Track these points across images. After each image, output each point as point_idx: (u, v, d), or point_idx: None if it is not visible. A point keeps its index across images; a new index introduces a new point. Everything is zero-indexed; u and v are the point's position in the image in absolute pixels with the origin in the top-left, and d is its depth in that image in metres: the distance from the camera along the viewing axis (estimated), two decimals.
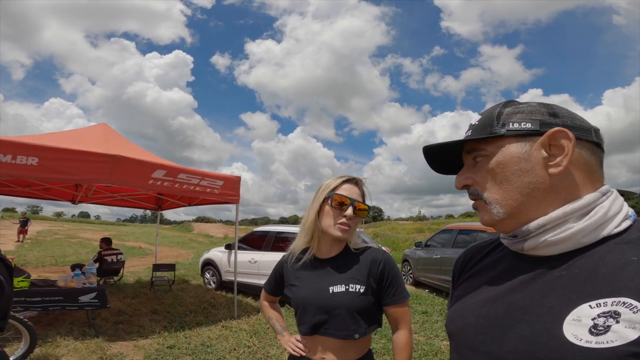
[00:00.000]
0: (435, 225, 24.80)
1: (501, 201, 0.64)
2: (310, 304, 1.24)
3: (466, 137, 0.66)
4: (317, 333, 1.23)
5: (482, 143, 0.65)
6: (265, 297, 1.52)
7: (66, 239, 19.53)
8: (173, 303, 5.93)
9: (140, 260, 12.44)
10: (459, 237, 7.04)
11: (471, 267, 0.76)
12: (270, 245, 6.58)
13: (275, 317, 1.48)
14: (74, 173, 3.87)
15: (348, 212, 1.22)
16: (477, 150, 0.66)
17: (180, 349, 3.93)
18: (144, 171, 4.36)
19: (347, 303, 1.20)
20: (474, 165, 0.68)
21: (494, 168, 0.64)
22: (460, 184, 0.69)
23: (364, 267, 1.25)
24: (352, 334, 1.19)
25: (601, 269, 0.53)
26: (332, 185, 1.26)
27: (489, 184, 0.65)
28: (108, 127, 5.71)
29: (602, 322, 0.48)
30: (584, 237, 0.57)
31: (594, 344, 0.48)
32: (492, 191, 0.64)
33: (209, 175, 5.04)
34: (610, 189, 0.61)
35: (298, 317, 1.30)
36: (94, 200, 7.36)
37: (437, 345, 4.15)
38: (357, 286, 1.21)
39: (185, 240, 23.78)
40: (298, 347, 1.28)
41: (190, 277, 8.98)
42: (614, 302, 0.49)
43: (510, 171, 0.63)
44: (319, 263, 1.30)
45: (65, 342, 3.83)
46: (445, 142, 0.69)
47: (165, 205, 7.97)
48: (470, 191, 0.68)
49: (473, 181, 0.67)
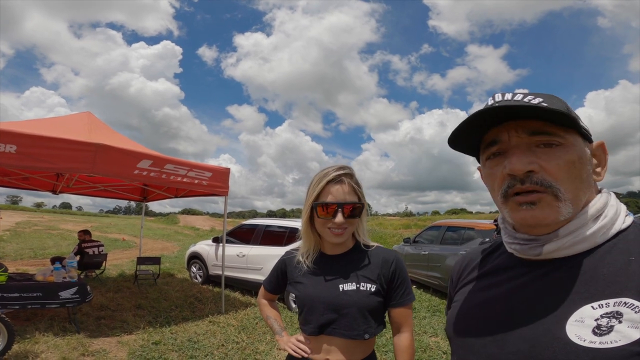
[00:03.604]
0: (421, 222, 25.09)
1: (574, 200, 0.57)
2: (318, 303, 1.18)
3: (557, 109, 0.55)
4: (324, 333, 1.17)
5: (559, 129, 0.58)
6: (264, 295, 1.45)
7: (46, 230, 18.94)
8: (158, 298, 5.79)
9: (124, 253, 12.18)
10: (446, 234, 7.08)
11: (470, 272, 0.75)
12: (259, 238, 6.47)
13: (274, 317, 1.41)
14: (54, 162, 3.71)
15: (337, 219, 1.13)
16: (550, 135, 0.58)
17: (166, 345, 3.83)
18: (129, 161, 4.21)
19: (358, 302, 1.14)
20: (534, 150, 0.58)
21: (575, 161, 0.58)
22: (524, 167, 0.57)
23: (375, 267, 1.20)
24: (362, 334, 1.15)
25: (601, 269, 0.54)
26: (316, 192, 1.15)
27: (565, 177, 0.57)
28: (92, 116, 5.52)
29: (605, 323, 0.49)
30: (601, 236, 0.57)
31: (598, 344, 0.47)
32: (568, 186, 0.57)
33: (197, 167, 4.92)
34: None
35: (304, 316, 1.22)
36: (75, 190, 7.15)
37: (426, 341, 4.15)
38: (368, 285, 1.17)
39: (171, 233, 23.37)
40: (300, 348, 1.21)
41: (176, 270, 8.81)
42: (615, 302, 0.49)
43: (586, 171, 0.59)
44: (327, 260, 1.24)
45: (45, 338, 3.69)
46: (530, 104, 0.56)
47: (151, 196, 7.79)
48: (533, 180, 0.57)
49: (540, 168, 0.57)
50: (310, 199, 1.17)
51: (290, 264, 1.30)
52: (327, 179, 1.15)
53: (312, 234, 1.22)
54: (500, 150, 0.61)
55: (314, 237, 1.23)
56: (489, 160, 0.64)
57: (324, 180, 1.15)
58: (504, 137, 0.60)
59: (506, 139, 0.60)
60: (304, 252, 1.25)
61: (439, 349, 3.95)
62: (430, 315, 5.37)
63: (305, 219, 1.20)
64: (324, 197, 1.15)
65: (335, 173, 1.16)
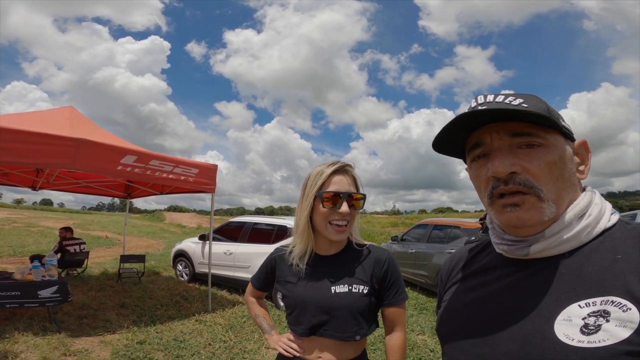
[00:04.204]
0: (409, 220, 25.36)
1: (557, 200, 0.58)
2: (309, 304, 1.16)
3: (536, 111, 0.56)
4: (315, 334, 1.15)
5: (539, 129, 0.58)
6: (252, 293, 1.41)
7: (26, 227, 18.38)
8: (143, 296, 5.67)
9: (107, 251, 11.92)
10: (433, 233, 7.15)
11: (458, 272, 0.75)
12: (246, 236, 6.40)
13: (262, 315, 1.38)
14: (34, 157, 3.59)
15: (343, 209, 1.11)
16: (531, 136, 0.58)
17: (151, 344, 3.75)
18: (112, 157, 4.10)
19: (350, 304, 1.13)
20: (515, 151, 0.59)
21: (556, 161, 0.58)
22: (506, 169, 0.57)
23: (368, 267, 1.18)
24: (353, 336, 1.13)
25: (587, 268, 0.54)
26: (319, 181, 1.13)
27: (547, 178, 0.57)
28: (75, 110, 5.36)
29: (592, 322, 0.49)
30: (586, 234, 0.57)
31: (586, 343, 0.48)
32: (550, 186, 0.57)
33: (183, 163, 4.82)
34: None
35: (294, 316, 1.20)
36: (56, 186, 6.95)
37: (413, 339, 4.19)
38: (360, 287, 1.15)
39: (156, 230, 22.97)
40: (292, 348, 1.18)
41: (161, 268, 8.66)
42: (602, 301, 0.50)
43: (568, 170, 0.60)
44: (319, 260, 1.21)
45: (25, 337, 3.57)
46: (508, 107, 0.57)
47: (135, 193, 7.64)
48: (517, 181, 0.58)
49: (522, 169, 0.58)
50: (312, 191, 1.14)
51: (280, 261, 1.27)
52: (332, 169, 1.15)
53: (309, 232, 1.18)
54: (484, 153, 0.62)
55: (311, 236, 1.19)
56: (474, 162, 0.65)
57: (327, 171, 1.14)
58: (486, 140, 0.61)
59: (489, 141, 0.61)
60: (297, 251, 1.21)
61: (426, 347, 3.99)
62: (418, 313, 5.42)
63: (304, 215, 1.15)
64: (326, 188, 1.14)
65: (339, 164, 1.16)
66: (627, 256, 0.52)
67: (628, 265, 0.51)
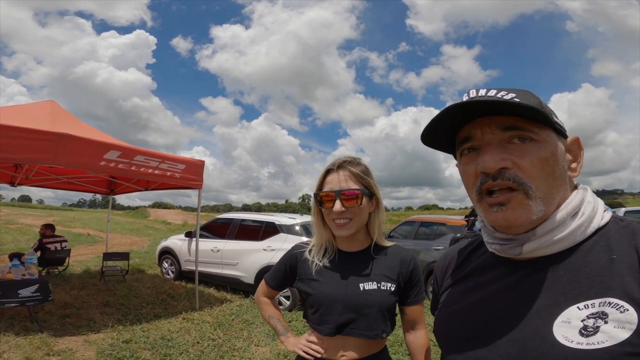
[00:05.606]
0: (395, 217, 25.60)
1: (545, 198, 0.57)
2: (337, 302, 1.12)
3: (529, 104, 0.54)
4: (340, 333, 1.12)
5: (532, 124, 0.57)
6: (266, 292, 1.34)
7: (4, 225, 17.76)
8: (127, 294, 5.56)
9: (89, 249, 11.63)
10: (420, 230, 7.23)
11: (454, 272, 0.74)
12: (234, 233, 6.34)
13: (277, 317, 1.32)
14: (13, 152, 3.46)
15: (336, 207, 1.10)
16: (523, 130, 0.57)
17: (137, 343, 3.68)
18: (95, 152, 3.98)
19: (379, 301, 1.12)
20: (506, 147, 0.57)
21: (548, 158, 0.57)
22: (496, 164, 0.56)
23: (394, 266, 1.18)
24: (380, 334, 1.13)
25: (584, 269, 0.53)
26: (317, 183, 1.18)
27: (538, 174, 0.56)
28: (56, 105, 5.20)
29: (591, 324, 0.48)
30: (580, 233, 0.56)
31: (585, 345, 0.47)
32: (540, 183, 0.56)
33: (169, 158, 4.73)
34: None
35: (318, 315, 1.15)
36: (35, 182, 6.74)
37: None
38: (388, 284, 1.14)
39: (141, 227, 22.52)
40: (313, 349, 1.15)
41: (146, 266, 8.50)
42: (600, 302, 0.49)
43: (559, 168, 0.58)
44: (344, 257, 1.19)
45: (6, 338, 3.47)
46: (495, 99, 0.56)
47: (119, 189, 7.46)
48: (506, 176, 0.56)
49: (513, 164, 0.56)
50: (315, 193, 1.17)
51: (302, 258, 1.23)
52: (326, 169, 1.18)
53: (324, 228, 1.19)
54: (473, 147, 0.61)
55: (327, 232, 1.19)
56: (463, 156, 0.63)
57: (323, 172, 1.18)
58: (477, 134, 0.60)
59: (479, 135, 0.59)
60: (317, 247, 1.21)
61: None
62: None
63: (315, 215, 1.19)
64: (322, 189, 1.16)
65: (336, 162, 1.17)
66: (623, 256, 0.52)
67: (624, 265, 0.51)
